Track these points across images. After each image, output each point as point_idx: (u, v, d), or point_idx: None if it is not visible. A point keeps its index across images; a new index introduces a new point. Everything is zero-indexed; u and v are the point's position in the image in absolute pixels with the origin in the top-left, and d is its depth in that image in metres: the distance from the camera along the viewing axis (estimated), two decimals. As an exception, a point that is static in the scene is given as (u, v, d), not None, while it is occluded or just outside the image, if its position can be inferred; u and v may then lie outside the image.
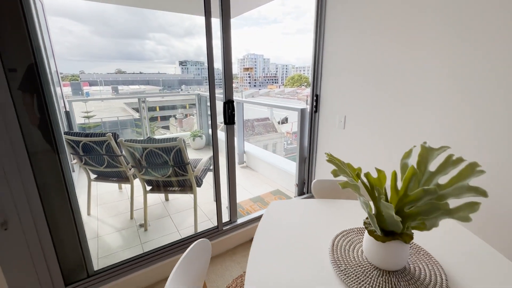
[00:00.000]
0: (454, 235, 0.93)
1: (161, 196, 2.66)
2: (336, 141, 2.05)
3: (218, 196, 1.79)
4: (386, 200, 0.75)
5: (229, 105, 1.67)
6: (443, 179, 0.69)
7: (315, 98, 2.13)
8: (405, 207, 0.71)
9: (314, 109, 2.16)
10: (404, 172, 0.75)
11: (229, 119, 1.69)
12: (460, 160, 0.69)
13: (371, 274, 0.73)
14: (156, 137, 1.97)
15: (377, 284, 0.70)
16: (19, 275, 1.20)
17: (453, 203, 0.62)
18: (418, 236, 0.87)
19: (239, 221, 1.96)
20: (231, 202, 1.89)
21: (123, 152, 2.01)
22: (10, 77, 1.04)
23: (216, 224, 1.84)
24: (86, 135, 1.97)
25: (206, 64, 1.58)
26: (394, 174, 0.76)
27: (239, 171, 3.53)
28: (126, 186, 2.84)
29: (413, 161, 0.75)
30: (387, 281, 0.71)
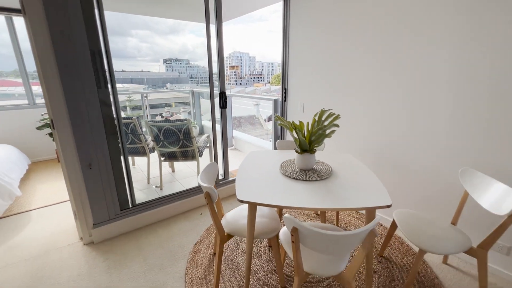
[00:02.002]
0: (346, 161, 1.76)
1: (169, 169, 3.39)
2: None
3: (216, 159, 2.56)
4: (303, 135, 1.56)
5: (223, 95, 2.44)
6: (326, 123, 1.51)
7: (284, 91, 2.94)
8: (311, 137, 1.52)
9: (283, 99, 2.97)
10: (314, 123, 1.56)
11: (223, 104, 2.47)
12: (332, 114, 1.51)
13: (297, 171, 1.54)
14: (170, 118, 2.70)
15: (300, 174, 1.51)
16: (96, 200, 1.93)
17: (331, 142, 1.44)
18: (327, 159, 1.69)
19: (230, 179, 2.74)
20: (224, 163, 2.67)
21: (143, 131, 2.73)
22: (96, 78, 1.76)
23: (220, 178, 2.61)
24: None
25: (192, 63, 2.35)
26: (308, 123, 1.57)
27: (229, 152, 4.30)
28: (138, 161, 3.53)
29: (316, 118, 1.56)
30: (304, 173, 1.52)
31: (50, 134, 3.67)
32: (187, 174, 3.31)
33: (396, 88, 1.93)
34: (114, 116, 1.93)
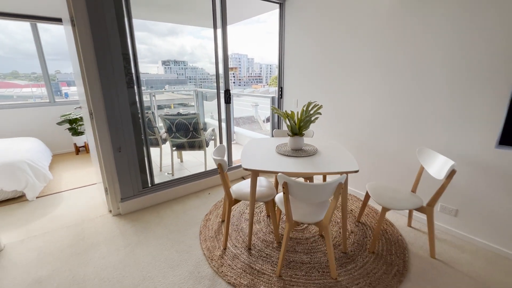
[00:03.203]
0: (330, 145, 2.17)
1: (177, 160, 3.78)
2: (293, 116, 3.28)
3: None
4: (294, 122, 1.97)
5: (227, 92, 2.85)
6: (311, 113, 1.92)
7: (280, 89, 3.35)
8: (300, 123, 1.93)
9: (280, 96, 3.39)
10: (302, 112, 1.97)
11: (227, 100, 2.87)
12: (316, 105, 1.92)
13: (289, 150, 1.95)
14: (182, 112, 3.10)
15: (291, 152, 1.92)
16: (123, 179, 2.32)
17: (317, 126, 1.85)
18: (315, 143, 2.11)
19: (234, 165, 3.15)
20: (228, 152, 3.07)
21: (157, 124, 3.13)
22: (127, 82, 2.16)
23: (220, 165, 3.02)
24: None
25: (191, 64, 2.76)
26: (297, 112, 1.98)
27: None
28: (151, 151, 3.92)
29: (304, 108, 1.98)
30: (295, 152, 1.93)
31: (70, 129, 4.07)
32: (193, 164, 3.70)
33: (369, 88, 2.35)
34: (139, 111, 2.33)
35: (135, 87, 2.26)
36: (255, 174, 1.70)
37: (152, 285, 1.58)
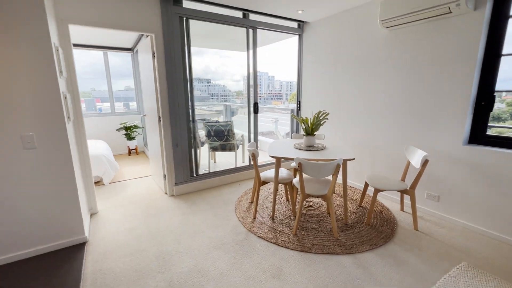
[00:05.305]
0: (336, 143, 2.79)
1: (211, 161, 4.53)
2: (309, 125, 3.93)
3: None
4: (308, 124, 2.63)
5: (255, 104, 3.59)
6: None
7: (298, 102, 4.05)
8: (312, 126, 2.59)
9: (298, 108, 4.07)
10: (314, 118, 2.63)
11: (255, 111, 3.61)
12: (324, 112, 2.58)
13: (304, 146, 2.60)
14: (220, 120, 3.87)
15: (305, 147, 2.57)
16: (178, 168, 3.08)
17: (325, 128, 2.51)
18: (324, 143, 2.74)
19: (258, 164, 3.82)
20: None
21: (197, 130, 3.91)
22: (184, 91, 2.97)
23: (248, 164, 3.71)
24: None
25: (213, 82, 3.49)
26: (310, 118, 2.65)
27: (254, 152, 5.40)
28: (188, 156, 4.71)
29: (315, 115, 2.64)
30: (308, 147, 2.57)
31: (125, 134, 5.01)
32: (224, 164, 4.42)
33: (367, 100, 2.97)
34: (190, 119, 3.12)
35: (189, 101, 3.06)
36: (278, 160, 2.37)
37: (205, 235, 2.25)
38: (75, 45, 4.35)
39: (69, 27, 2.30)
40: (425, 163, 2.16)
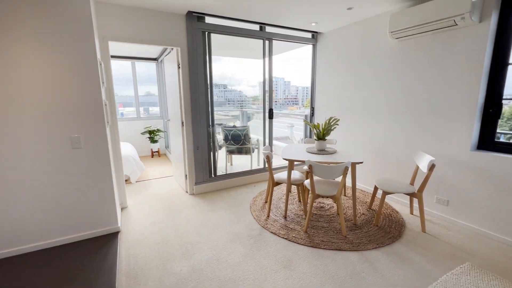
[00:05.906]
0: (346, 148, 2.94)
1: (228, 164, 4.78)
2: (322, 130, 4.08)
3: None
4: (319, 129, 2.80)
5: (270, 110, 3.80)
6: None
7: (312, 108, 4.22)
8: (323, 132, 2.76)
9: (312, 114, 4.24)
10: (325, 123, 2.80)
11: (270, 116, 3.82)
12: (335, 118, 2.75)
13: (315, 150, 2.77)
14: (236, 125, 4.12)
15: (317, 151, 2.74)
16: (198, 168, 3.34)
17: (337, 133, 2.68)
18: (336, 147, 2.90)
19: (272, 167, 4.01)
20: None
21: (216, 134, 4.17)
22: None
23: (262, 167, 3.91)
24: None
25: (229, 87, 3.72)
26: (321, 124, 2.82)
27: (269, 156, 5.59)
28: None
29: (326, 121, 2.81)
30: (319, 151, 2.74)
31: (149, 138, 5.38)
32: (240, 167, 4.65)
33: (377, 107, 3.09)
34: (210, 123, 3.38)
35: (209, 107, 3.33)
36: (291, 163, 2.55)
37: (223, 230, 2.47)
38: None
39: (109, 43, 2.65)
40: (431, 167, 2.26)
